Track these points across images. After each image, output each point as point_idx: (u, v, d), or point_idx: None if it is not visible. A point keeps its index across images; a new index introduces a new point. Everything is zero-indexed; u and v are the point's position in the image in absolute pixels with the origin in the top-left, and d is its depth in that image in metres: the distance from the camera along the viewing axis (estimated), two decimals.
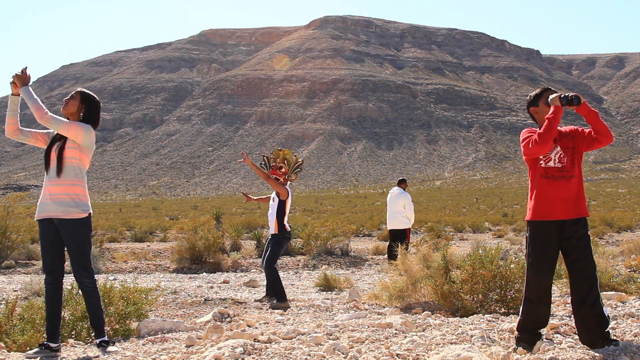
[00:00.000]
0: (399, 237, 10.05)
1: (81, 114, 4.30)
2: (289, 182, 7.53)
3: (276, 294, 6.98)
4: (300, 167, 7.66)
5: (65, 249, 4.20)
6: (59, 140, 4.23)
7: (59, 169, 4.14)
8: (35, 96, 4.16)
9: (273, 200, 7.33)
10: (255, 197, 8.17)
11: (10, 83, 4.15)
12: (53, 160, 4.17)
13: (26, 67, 4.19)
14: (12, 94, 4.19)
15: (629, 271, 8.16)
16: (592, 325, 3.56)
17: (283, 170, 7.41)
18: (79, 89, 4.38)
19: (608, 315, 3.64)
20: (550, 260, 3.70)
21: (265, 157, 7.69)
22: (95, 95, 4.43)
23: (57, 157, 4.16)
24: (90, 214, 4.21)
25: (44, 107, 4.12)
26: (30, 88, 4.18)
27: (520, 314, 3.78)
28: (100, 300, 4.25)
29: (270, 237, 7.35)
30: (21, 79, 4.14)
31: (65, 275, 4.30)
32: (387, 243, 11.63)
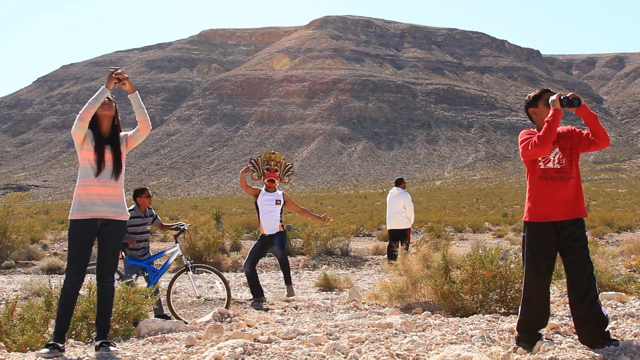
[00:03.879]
0: (399, 237, 10.02)
1: (115, 120, 4.26)
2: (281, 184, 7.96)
3: (288, 280, 7.48)
4: (291, 171, 8.04)
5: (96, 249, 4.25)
6: (109, 143, 4.16)
7: (117, 172, 4.13)
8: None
9: (277, 203, 7.56)
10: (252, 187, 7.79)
11: (114, 77, 4.04)
12: (108, 162, 4.10)
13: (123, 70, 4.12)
14: (107, 87, 4.07)
15: (629, 271, 8.14)
16: (591, 325, 3.56)
17: (278, 173, 7.68)
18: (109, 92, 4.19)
19: (607, 315, 3.64)
20: (548, 260, 3.70)
21: (252, 160, 7.81)
22: None
23: (114, 160, 4.12)
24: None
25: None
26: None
27: (519, 314, 3.79)
28: (113, 303, 4.28)
29: (266, 236, 7.55)
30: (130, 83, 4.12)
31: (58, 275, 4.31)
32: (387, 243, 11.62)
